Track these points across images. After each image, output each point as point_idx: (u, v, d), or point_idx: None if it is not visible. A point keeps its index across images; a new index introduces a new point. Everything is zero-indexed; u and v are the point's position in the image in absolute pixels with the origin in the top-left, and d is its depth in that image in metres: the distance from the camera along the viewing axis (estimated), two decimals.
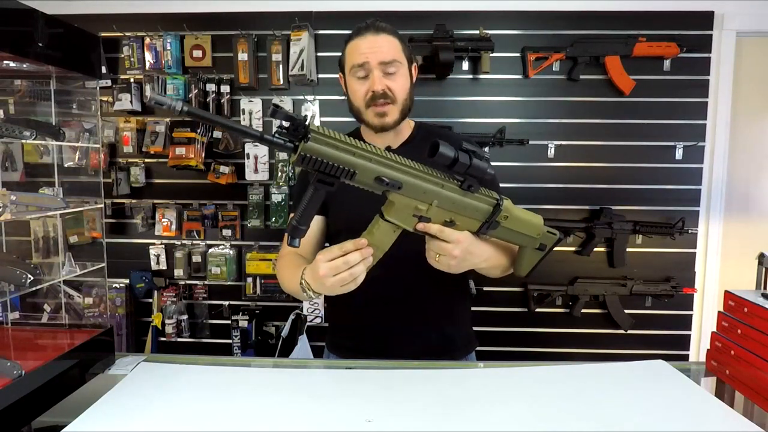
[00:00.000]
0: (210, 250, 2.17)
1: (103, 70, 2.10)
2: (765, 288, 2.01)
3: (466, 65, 2.07)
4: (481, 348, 1.28)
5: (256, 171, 2.11)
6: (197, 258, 2.15)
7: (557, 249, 1.02)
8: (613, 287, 2.11)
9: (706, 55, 2.06)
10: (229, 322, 2.16)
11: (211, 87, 2.07)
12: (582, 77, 2.06)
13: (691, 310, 2.17)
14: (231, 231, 2.14)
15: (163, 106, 0.61)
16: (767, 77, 2.15)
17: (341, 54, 1.12)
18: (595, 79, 2.07)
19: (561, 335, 2.19)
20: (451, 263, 0.88)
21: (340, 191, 0.78)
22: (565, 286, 2.12)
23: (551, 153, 2.10)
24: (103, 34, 2.06)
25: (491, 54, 2.00)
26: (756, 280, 2.05)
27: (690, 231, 2.07)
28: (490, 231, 0.91)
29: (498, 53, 2.03)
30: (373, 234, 0.83)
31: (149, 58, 2.08)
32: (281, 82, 2.07)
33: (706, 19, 2.04)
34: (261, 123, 2.11)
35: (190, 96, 2.05)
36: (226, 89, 2.09)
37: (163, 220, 2.14)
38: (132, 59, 2.08)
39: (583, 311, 2.14)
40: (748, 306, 0.91)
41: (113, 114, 2.13)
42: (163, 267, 2.18)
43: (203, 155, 2.10)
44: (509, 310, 2.18)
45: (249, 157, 2.11)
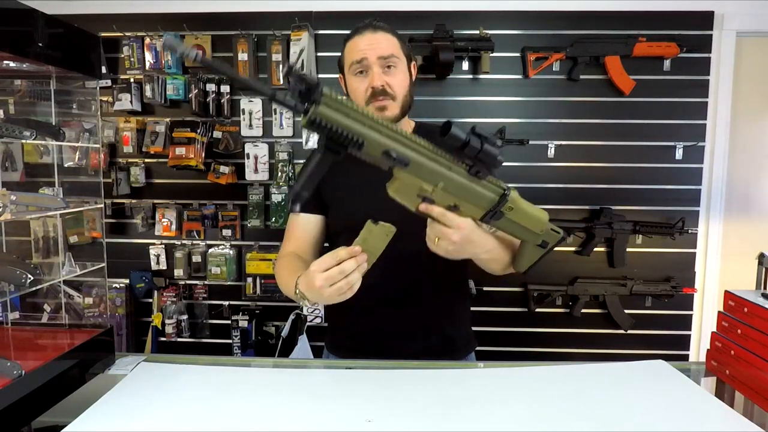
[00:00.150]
0: (210, 250, 2.17)
1: (103, 70, 2.10)
2: (765, 288, 2.01)
3: (466, 65, 2.07)
4: (481, 348, 1.28)
5: (256, 171, 2.12)
6: (197, 258, 2.15)
7: (557, 249, 1.01)
8: (613, 287, 2.11)
9: (706, 55, 2.06)
10: (229, 322, 2.16)
11: (211, 87, 2.07)
12: (582, 77, 2.06)
13: (691, 310, 2.17)
14: (231, 231, 2.14)
15: (176, 52, 0.61)
16: (767, 77, 2.15)
17: (340, 54, 1.13)
18: (595, 79, 2.07)
19: (561, 335, 2.19)
20: (450, 248, 0.86)
21: (339, 192, 0.78)
22: (565, 286, 2.12)
23: (551, 153, 2.10)
24: (103, 34, 2.06)
25: (491, 54, 2.00)
26: (756, 280, 2.05)
27: (690, 231, 2.07)
28: (493, 221, 0.89)
29: (498, 53, 2.03)
30: (366, 240, 0.83)
31: (149, 58, 2.08)
32: (281, 82, 2.07)
33: (706, 19, 2.04)
34: (261, 123, 2.11)
35: (190, 96, 2.05)
36: (226, 89, 2.09)
37: (163, 220, 2.14)
38: (132, 59, 2.08)
39: (583, 311, 2.14)
40: (748, 306, 0.91)
41: (113, 114, 2.13)
42: (163, 267, 2.18)
43: (203, 155, 2.10)
44: (509, 310, 2.18)
45: (249, 157, 2.11)
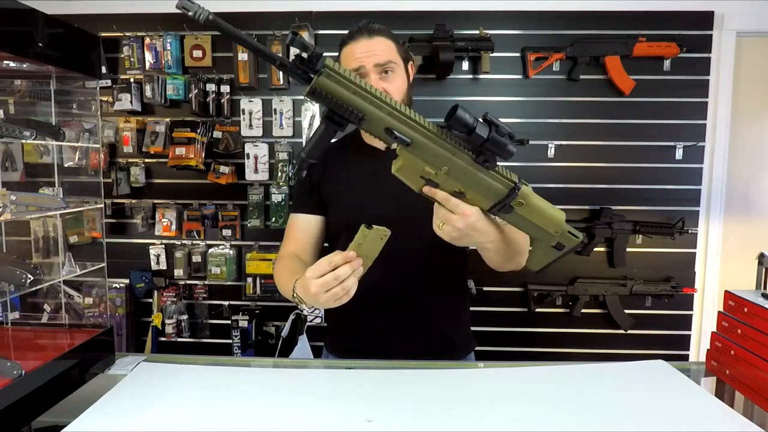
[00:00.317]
0: (210, 250, 2.17)
1: (103, 70, 2.10)
2: (765, 288, 2.01)
3: (466, 65, 2.07)
4: (481, 348, 1.28)
5: (256, 171, 2.12)
6: (197, 258, 2.15)
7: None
8: (613, 287, 2.11)
9: (706, 55, 2.06)
10: (229, 322, 2.16)
11: (211, 87, 2.07)
12: (582, 77, 2.06)
13: (691, 310, 2.17)
14: (231, 231, 2.14)
15: (189, 12, 0.61)
16: (767, 77, 2.15)
17: (337, 57, 1.13)
18: (595, 79, 2.07)
19: (561, 335, 2.19)
20: (453, 234, 0.84)
21: (339, 192, 0.78)
22: (565, 286, 2.12)
23: (551, 153, 2.10)
24: (103, 34, 2.06)
25: (491, 54, 2.00)
26: (756, 280, 2.06)
27: (690, 231, 2.07)
28: (501, 214, 0.86)
29: (498, 53, 2.03)
30: (361, 245, 0.82)
31: (149, 58, 2.08)
32: (281, 82, 2.07)
33: (706, 19, 2.04)
34: (261, 123, 2.11)
35: (190, 96, 2.05)
36: (226, 89, 2.09)
37: (163, 220, 2.14)
38: (132, 59, 2.08)
39: (583, 311, 2.14)
40: (748, 306, 0.91)
41: (113, 114, 2.13)
42: (163, 267, 2.18)
43: (203, 155, 2.10)
44: (509, 310, 2.18)
45: (249, 157, 2.11)
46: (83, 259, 1.10)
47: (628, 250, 2.11)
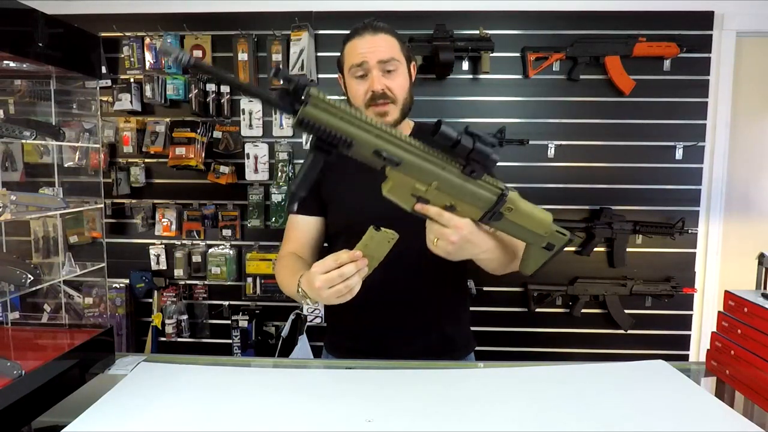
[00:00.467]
0: (210, 250, 2.17)
1: (103, 70, 2.10)
2: (765, 288, 2.00)
3: (466, 65, 2.07)
4: (481, 348, 1.28)
5: (256, 171, 2.11)
6: (197, 258, 2.15)
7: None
8: (613, 287, 2.11)
9: (706, 55, 2.06)
10: (229, 322, 2.16)
11: (211, 87, 2.07)
12: (582, 77, 2.06)
13: (691, 310, 2.17)
14: (231, 231, 2.14)
15: (171, 57, 0.61)
16: (767, 77, 2.15)
17: (339, 55, 1.13)
18: (595, 79, 2.07)
19: (561, 335, 2.18)
20: (449, 249, 0.86)
21: (338, 192, 0.78)
22: (565, 286, 2.12)
23: (551, 153, 2.10)
24: (103, 34, 2.06)
25: (491, 54, 2.00)
26: (756, 280, 2.05)
27: (690, 231, 2.06)
28: (492, 222, 0.87)
29: (498, 53, 2.02)
30: (368, 245, 0.83)
31: (149, 58, 2.07)
32: (281, 82, 2.06)
33: (706, 19, 2.04)
34: (261, 123, 2.11)
35: (190, 96, 2.05)
36: (226, 89, 2.09)
37: (163, 220, 2.14)
38: (132, 59, 2.08)
39: (583, 311, 2.14)
40: (748, 306, 0.91)
41: (113, 114, 2.13)
42: (163, 267, 2.18)
43: (203, 155, 2.10)
44: (509, 310, 2.18)
45: (249, 157, 2.11)
46: (83, 259, 1.10)
47: (628, 250, 2.11)
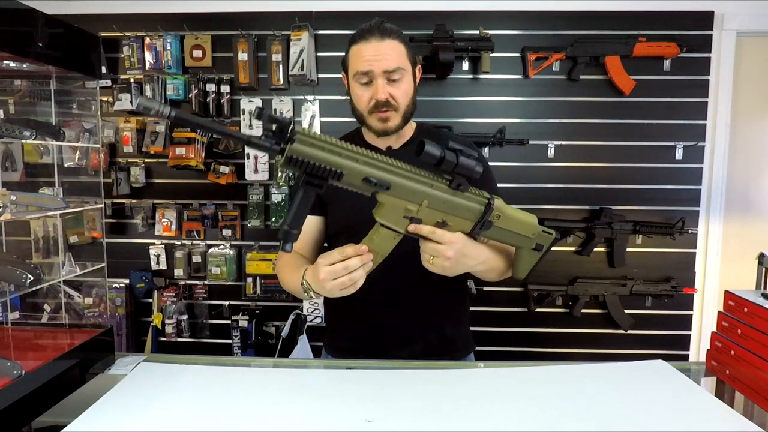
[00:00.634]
0: (210, 250, 2.17)
1: (103, 70, 2.10)
2: (765, 288, 2.01)
3: (466, 65, 2.07)
4: (481, 348, 1.28)
5: (256, 171, 2.12)
6: (197, 258, 2.15)
7: (557, 249, 1.01)
8: (613, 287, 2.11)
9: (706, 55, 2.06)
10: (229, 322, 2.16)
11: (211, 87, 2.07)
12: (582, 77, 2.06)
13: (691, 310, 2.17)
14: (231, 231, 2.14)
15: (151, 111, 0.59)
16: (767, 77, 2.15)
17: (345, 55, 1.12)
18: (595, 79, 2.07)
19: (561, 335, 2.19)
20: (446, 265, 0.88)
21: (338, 192, 0.78)
22: (565, 286, 2.12)
23: (551, 153, 2.10)
24: (103, 34, 2.06)
25: (491, 54, 2.00)
26: (756, 280, 2.05)
27: (690, 231, 2.07)
28: (483, 231, 0.90)
29: (498, 53, 2.03)
30: (373, 240, 0.84)
31: (149, 58, 2.08)
32: (281, 82, 2.07)
33: (706, 19, 2.04)
34: (261, 123, 2.11)
35: (190, 96, 2.05)
36: (226, 89, 2.09)
37: (163, 220, 2.14)
38: (132, 59, 2.08)
39: (583, 311, 2.14)
40: (748, 306, 0.91)
41: (113, 114, 2.13)
42: (163, 267, 2.18)
43: (203, 155, 2.10)
44: (509, 310, 2.18)
45: (249, 157, 2.11)
46: (83, 259, 1.10)
47: (628, 250, 2.11)
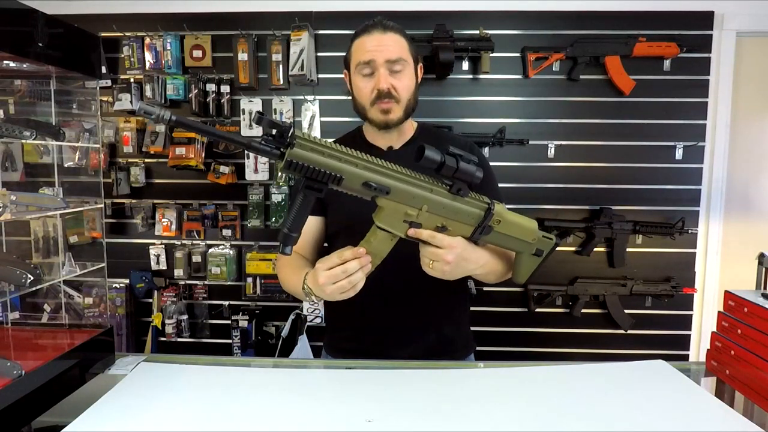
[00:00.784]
0: (210, 250, 2.17)
1: (103, 70, 2.10)
2: (765, 288, 2.01)
3: (466, 65, 2.07)
4: (481, 348, 1.28)
5: (256, 171, 2.12)
6: (197, 258, 2.15)
7: (558, 249, 1.01)
8: (613, 287, 2.11)
9: (706, 55, 2.06)
10: (229, 322, 2.16)
11: (211, 87, 2.07)
12: (582, 77, 2.06)
13: (691, 310, 2.17)
14: (231, 231, 2.14)
15: (152, 116, 0.60)
16: (767, 77, 2.15)
17: (347, 52, 1.12)
18: (595, 79, 2.07)
19: (561, 335, 2.19)
20: (445, 269, 0.88)
21: (338, 193, 0.78)
22: (565, 286, 2.12)
23: (551, 153, 2.10)
24: (103, 34, 2.06)
25: (491, 54, 2.00)
26: (756, 280, 2.06)
27: (690, 231, 2.07)
28: (483, 236, 0.90)
29: (498, 53, 2.03)
30: (371, 242, 0.84)
31: (149, 58, 2.08)
32: (281, 82, 2.07)
33: (706, 19, 2.04)
34: None
35: (190, 96, 2.05)
36: (226, 89, 2.09)
37: (163, 220, 2.14)
38: (132, 59, 2.08)
39: (583, 311, 2.14)
40: (748, 306, 0.91)
41: (113, 114, 2.13)
42: (163, 267, 2.18)
43: (203, 155, 2.10)
44: (509, 310, 2.18)
45: (249, 157, 2.11)
46: (83, 259, 1.10)
47: (628, 250, 2.11)
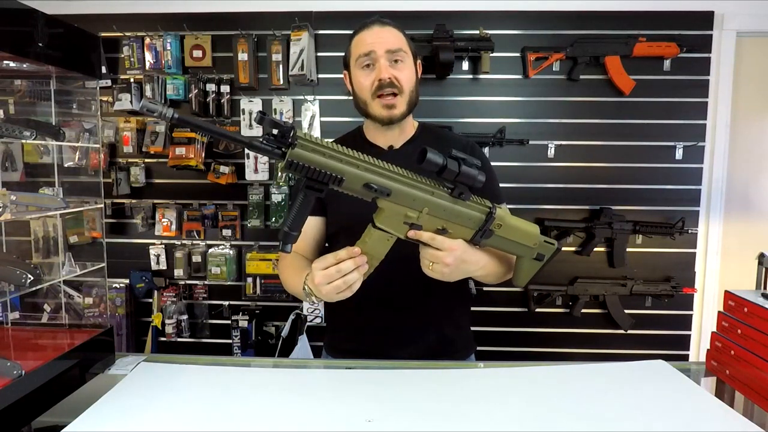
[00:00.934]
0: (210, 250, 2.17)
1: (103, 70, 2.10)
2: (765, 288, 2.00)
3: (466, 65, 2.07)
4: (481, 348, 1.28)
5: (256, 171, 2.12)
6: (197, 258, 2.15)
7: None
8: (613, 287, 2.11)
9: (706, 55, 2.06)
10: (229, 322, 2.16)
11: (211, 87, 2.07)
12: (582, 77, 2.06)
13: (691, 310, 2.17)
14: (231, 231, 2.14)
15: (154, 113, 0.60)
16: (767, 77, 2.15)
17: (345, 51, 1.12)
18: (595, 79, 2.07)
19: (561, 335, 2.19)
20: (445, 271, 0.88)
21: (338, 193, 0.78)
22: (565, 286, 2.12)
23: (551, 153, 2.10)
24: (103, 34, 2.06)
25: (491, 54, 2.00)
26: (756, 280, 2.05)
27: (690, 231, 2.07)
28: (484, 240, 0.90)
29: (498, 53, 2.03)
30: (366, 242, 0.84)
31: (149, 58, 2.08)
32: (281, 82, 2.07)
33: (706, 19, 2.05)
34: None
35: (190, 96, 2.05)
36: (226, 89, 2.09)
37: (163, 220, 2.14)
38: (132, 59, 2.08)
39: (583, 311, 2.14)
40: (748, 306, 0.91)
41: (113, 114, 2.13)
42: (163, 267, 2.18)
43: (203, 155, 2.10)
44: (509, 310, 2.18)
45: (249, 157, 2.11)
46: (83, 259, 1.10)
47: (628, 250, 2.11)
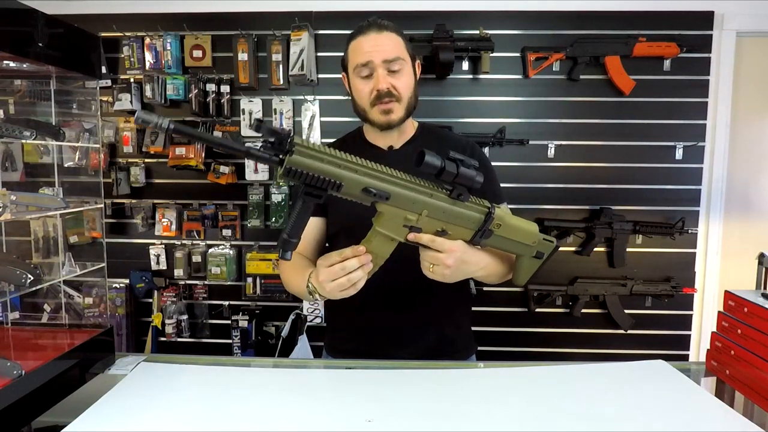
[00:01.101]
0: (210, 250, 2.17)
1: (103, 70, 2.10)
2: (765, 288, 2.00)
3: (466, 65, 2.07)
4: (482, 348, 1.28)
5: (256, 171, 2.12)
6: (197, 258, 2.15)
7: (558, 249, 1.01)
8: (613, 287, 2.11)
9: (706, 55, 2.06)
10: (229, 322, 2.16)
11: (211, 87, 2.07)
12: (582, 77, 2.06)
13: (691, 310, 2.17)
14: (231, 231, 2.14)
15: (150, 124, 0.61)
16: (767, 77, 2.15)
17: (344, 53, 1.12)
18: (595, 79, 2.07)
19: (561, 335, 2.19)
20: (445, 273, 0.88)
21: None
22: (565, 286, 2.12)
23: (551, 153, 2.10)
24: (103, 34, 2.06)
25: (491, 54, 2.00)
26: (756, 280, 2.05)
27: (690, 231, 2.07)
28: (483, 240, 0.90)
29: (498, 53, 2.03)
30: (371, 242, 0.84)
31: (149, 58, 2.08)
32: (281, 82, 2.06)
33: (706, 19, 2.05)
34: None
35: (190, 96, 2.05)
36: (226, 89, 2.09)
37: (163, 220, 2.14)
38: (132, 59, 2.08)
39: (583, 311, 2.14)
40: (748, 306, 0.91)
41: (113, 114, 2.13)
42: (163, 267, 2.18)
43: (203, 155, 2.10)
44: (509, 310, 2.18)
45: None
46: (83, 259, 1.10)
47: (628, 250, 2.11)
